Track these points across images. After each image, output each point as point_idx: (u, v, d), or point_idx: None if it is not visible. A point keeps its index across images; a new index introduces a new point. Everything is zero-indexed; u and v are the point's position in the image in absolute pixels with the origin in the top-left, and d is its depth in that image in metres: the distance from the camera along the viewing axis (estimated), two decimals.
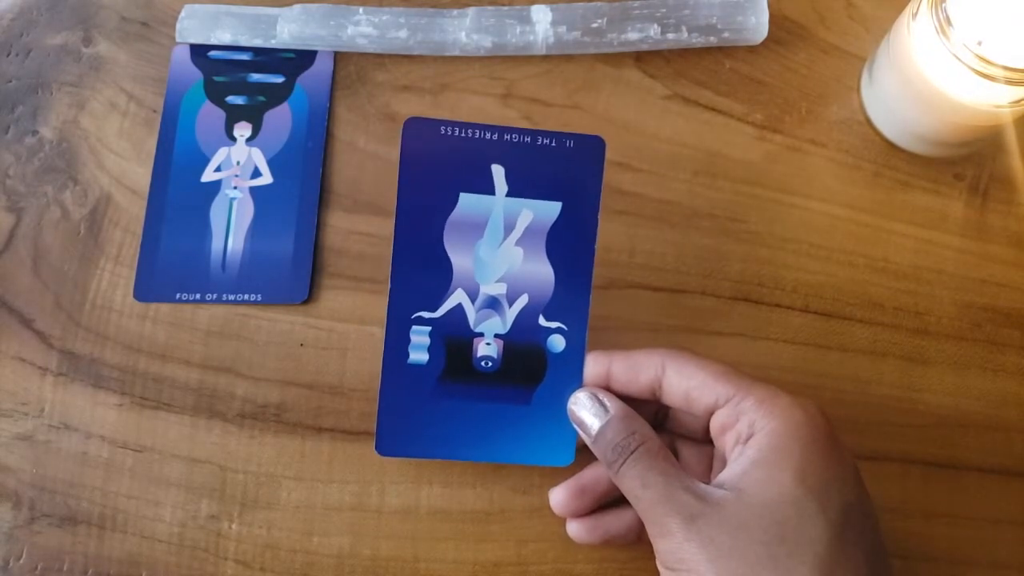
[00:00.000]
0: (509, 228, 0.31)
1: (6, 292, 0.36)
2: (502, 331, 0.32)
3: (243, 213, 0.37)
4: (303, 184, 0.38)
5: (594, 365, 0.31)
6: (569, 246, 0.31)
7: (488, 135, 0.31)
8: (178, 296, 0.36)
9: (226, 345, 0.36)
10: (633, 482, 0.27)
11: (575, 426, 0.31)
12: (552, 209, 0.31)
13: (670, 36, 0.39)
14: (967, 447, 0.35)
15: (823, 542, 0.25)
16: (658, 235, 0.37)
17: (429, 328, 0.31)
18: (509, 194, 0.31)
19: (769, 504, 0.25)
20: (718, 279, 0.37)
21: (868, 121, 0.39)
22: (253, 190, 0.38)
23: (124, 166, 0.38)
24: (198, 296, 0.36)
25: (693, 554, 0.25)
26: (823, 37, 0.41)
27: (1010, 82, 0.31)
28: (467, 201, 0.31)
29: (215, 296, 0.36)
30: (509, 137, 0.31)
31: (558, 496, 0.31)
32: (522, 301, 0.32)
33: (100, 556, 0.33)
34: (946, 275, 0.37)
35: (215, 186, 0.38)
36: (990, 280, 0.37)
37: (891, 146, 0.39)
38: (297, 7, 0.39)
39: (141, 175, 0.38)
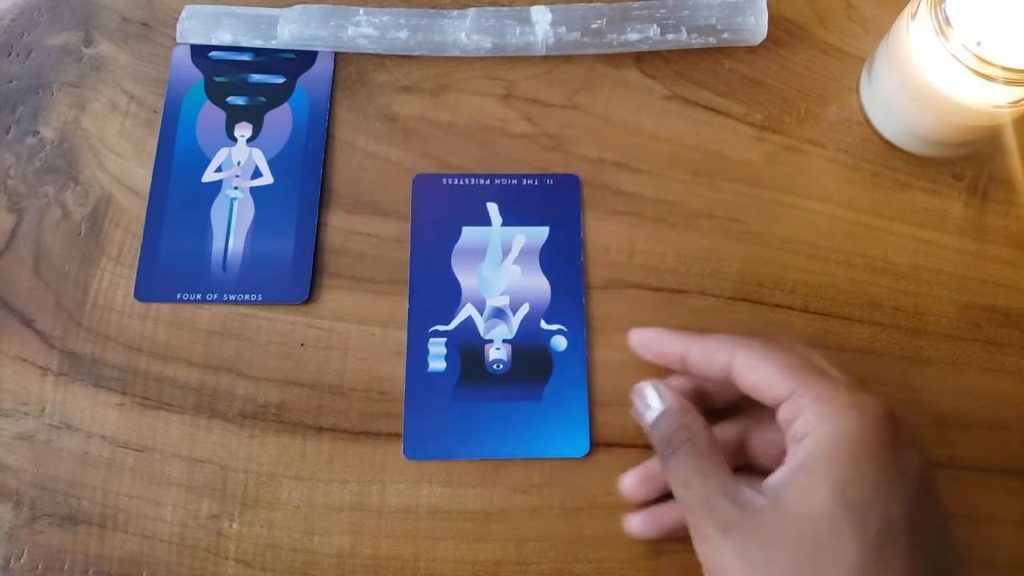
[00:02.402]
0: (506, 251, 0.37)
1: (7, 292, 0.36)
2: (509, 336, 0.35)
3: (244, 213, 0.37)
4: (303, 184, 0.38)
5: (671, 346, 0.31)
6: (560, 260, 0.36)
7: (482, 181, 0.38)
8: (179, 296, 0.36)
9: (227, 345, 0.36)
10: (676, 480, 0.28)
11: (635, 416, 0.31)
12: (541, 232, 0.37)
13: (669, 37, 0.39)
14: (967, 447, 0.35)
15: (855, 562, 0.24)
16: (658, 235, 0.37)
17: (445, 339, 0.35)
18: (504, 224, 0.37)
19: (804, 518, 0.25)
20: (718, 279, 0.37)
21: (867, 121, 0.39)
22: (254, 190, 0.38)
23: (125, 166, 0.38)
24: (199, 296, 0.36)
25: (730, 562, 0.25)
26: (822, 38, 0.41)
27: (1009, 82, 0.31)
28: (469, 233, 0.37)
29: (216, 296, 0.36)
30: (500, 181, 0.38)
31: (630, 480, 0.32)
32: (524, 309, 0.36)
33: (101, 556, 0.33)
34: (945, 275, 0.37)
35: (216, 186, 0.38)
36: (989, 280, 0.37)
37: (890, 146, 0.39)
38: (297, 8, 0.39)
39: (142, 175, 0.38)
